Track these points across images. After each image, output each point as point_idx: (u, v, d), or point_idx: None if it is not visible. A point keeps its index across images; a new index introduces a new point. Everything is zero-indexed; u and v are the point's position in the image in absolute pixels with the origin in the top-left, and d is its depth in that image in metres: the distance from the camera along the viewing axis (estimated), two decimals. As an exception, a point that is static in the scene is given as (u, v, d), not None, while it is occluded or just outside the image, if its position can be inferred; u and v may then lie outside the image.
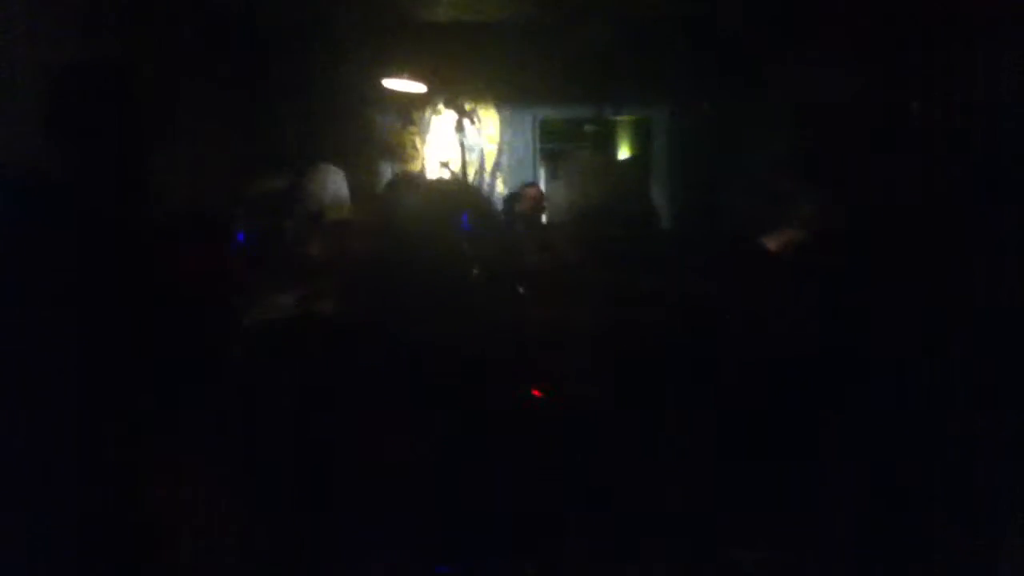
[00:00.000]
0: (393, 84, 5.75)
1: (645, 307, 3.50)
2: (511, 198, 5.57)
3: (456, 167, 6.75)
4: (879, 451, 2.82)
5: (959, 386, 2.80)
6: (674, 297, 3.38)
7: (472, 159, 6.78)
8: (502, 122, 6.90)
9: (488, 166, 6.92)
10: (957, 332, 2.85)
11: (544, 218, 4.97)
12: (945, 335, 2.86)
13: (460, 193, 3.89)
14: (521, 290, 3.44)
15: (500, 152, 6.93)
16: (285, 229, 3.31)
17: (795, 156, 4.18)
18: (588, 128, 7.45)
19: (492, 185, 6.88)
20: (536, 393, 3.26)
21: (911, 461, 2.82)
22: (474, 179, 6.74)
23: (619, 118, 7.26)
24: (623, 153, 7.62)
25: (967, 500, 2.73)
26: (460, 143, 6.72)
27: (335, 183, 3.48)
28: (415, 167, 6.84)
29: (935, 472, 2.78)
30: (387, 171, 6.80)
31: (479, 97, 6.81)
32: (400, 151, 6.82)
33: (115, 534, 2.47)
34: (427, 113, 6.82)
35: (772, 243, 3.37)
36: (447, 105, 6.76)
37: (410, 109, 6.76)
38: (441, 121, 6.84)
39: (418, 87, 5.85)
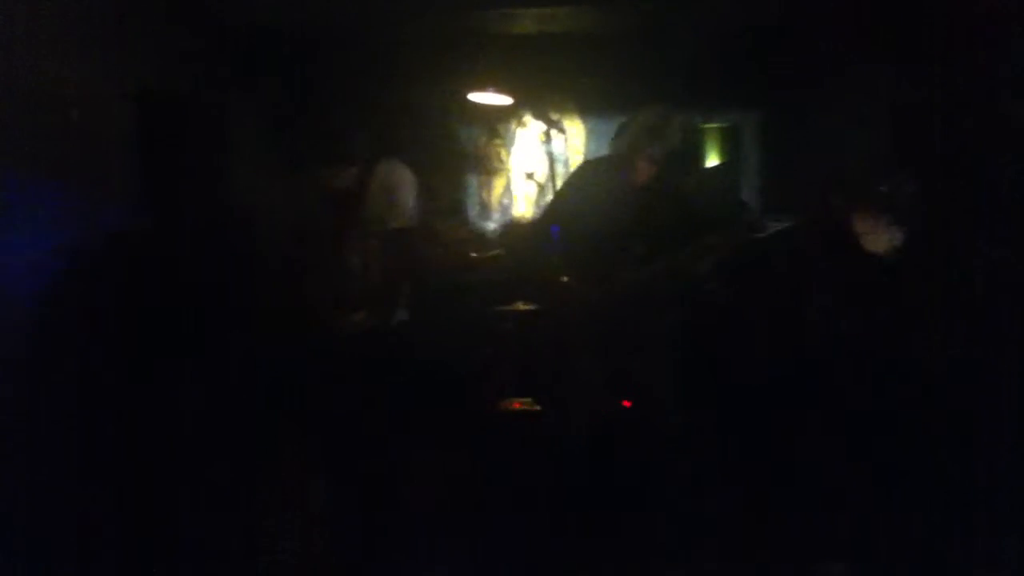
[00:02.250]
0: (478, 97, 5.82)
1: (734, 312, 3.47)
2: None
3: (541, 178, 6.78)
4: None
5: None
6: (762, 302, 3.34)
7: (559, 170, 6.79)
8: (587, 132, 6.92)
9: (573, 176, 6.92)
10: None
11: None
12: None
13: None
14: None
15: (586, 162, 6.93)
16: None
17: (885, 158, 4.10)
18: (674, 136, 7.38)
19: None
20: (626, 404, 3.27)
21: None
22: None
23: (706, 125, 7.18)
24: (710, 160, 7.53)
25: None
26: (546, 154, 6.74)
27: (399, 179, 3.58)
28: (501, 179, 6.90)
29: None
30: (473, 183, 6.88)
31: (564, 108, 6.83)
32: (486, 163, 6.89)
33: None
34: (512, 125, 6.89)
35: (867, 246, 3.31)
36: (533, 117, 6.81)
37: (495, 121, 6.83)
38: (526, 132, 6.89)
39: (503, 99, 5.91)
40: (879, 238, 3.40)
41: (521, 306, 4.31)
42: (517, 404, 3.83)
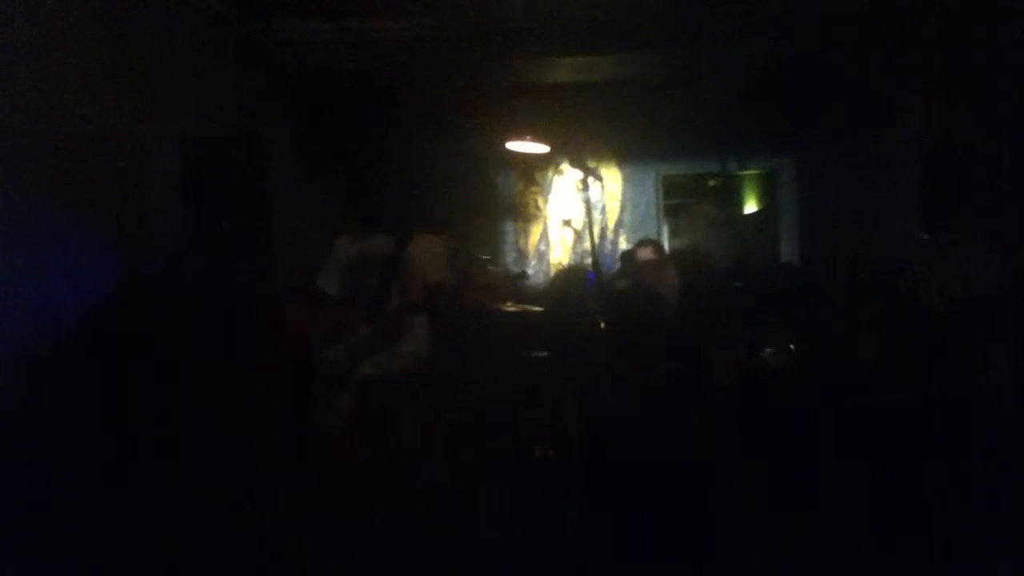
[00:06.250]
0: (516, 145, 5.86)
1: (773, 358, 3.43)
2: (627, 255, 5.57)
3: (579, 225, 6.80)
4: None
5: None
6: (803, 348, 3.30)
7: (595, 217, 6.82)
8: (624, 179, 6.94)
9: (611, 223, 6.95)
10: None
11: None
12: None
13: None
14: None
15: (623, 209, 6.96)
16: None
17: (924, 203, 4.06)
18: (712, 183, 7.38)
19: (615, 242, 6.91)
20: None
21: None
22: (598, 236, 6.76)
23: (743, 172, 7.17)
24: (748, 207, 7.51)
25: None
26: (583, 201, 6.76)
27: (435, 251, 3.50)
28: (538, 226, 6.94)
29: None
30: (511, 230, 6.92)
31: (601, 155, 6.88)
32: (523, 210, 6.94)
33: None
34: (550, 172, 6.94)
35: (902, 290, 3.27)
36: (570, 164, 6.86)
37: (533, 169, 6.89)
38: (563, 180, 6.94)
39: (540, 148, 5.95)
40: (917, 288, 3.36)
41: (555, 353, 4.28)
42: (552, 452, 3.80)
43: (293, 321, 3.22)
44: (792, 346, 3.38)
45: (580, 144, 6.64)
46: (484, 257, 5.22)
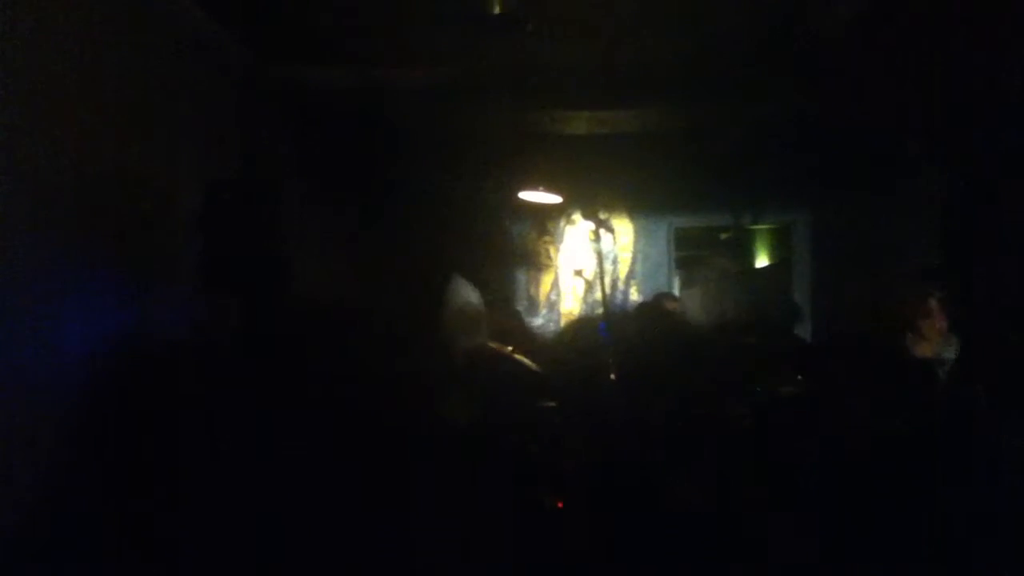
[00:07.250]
0: (529, 195, 5.89)
1: (788, 415, 3.38)
2: (641, 307, 5.55)
3: (590, 275, 6.79)
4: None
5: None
6: (817, 403, 3.26)
7: (607, 267, 6.81)
8: (636, 231, 6.95)
9: (623, 274, 6.94)
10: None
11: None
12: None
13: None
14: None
15: (634, 260, 6.96)
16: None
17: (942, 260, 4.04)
18: (724, 235, 7.38)
19: (627, 293, 6.89)
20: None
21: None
22: (609, 287, 6.75)
23: (757, 226, 7.17)
24: (761, 260, 7.49)
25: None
26: (595, 252, 6.77)
27: (467, 294, 3.52)
28: (550, 275, 6.94)
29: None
30: (523, 278, 6.92)
31: (613, 207, 6.89)
32: (535, 259, 6.94)
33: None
34: (562, 223, 6.95)
35: (919, 349, 3.24)
36: (582, 215, 6.86)
37: (546, 219, 6.90)
38: (576, 230, 6.94)
39: (554, 198, 5.97)
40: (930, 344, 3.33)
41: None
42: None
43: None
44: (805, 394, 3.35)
45: (593, 195, 6.65)
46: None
